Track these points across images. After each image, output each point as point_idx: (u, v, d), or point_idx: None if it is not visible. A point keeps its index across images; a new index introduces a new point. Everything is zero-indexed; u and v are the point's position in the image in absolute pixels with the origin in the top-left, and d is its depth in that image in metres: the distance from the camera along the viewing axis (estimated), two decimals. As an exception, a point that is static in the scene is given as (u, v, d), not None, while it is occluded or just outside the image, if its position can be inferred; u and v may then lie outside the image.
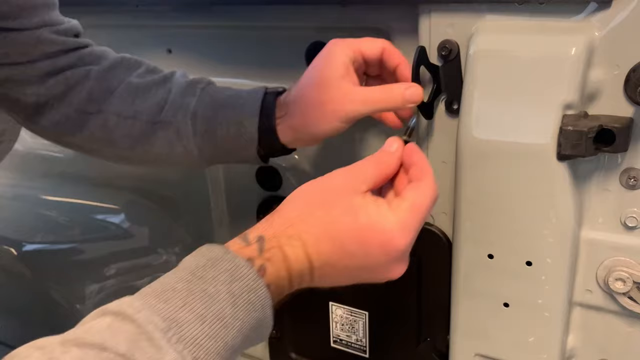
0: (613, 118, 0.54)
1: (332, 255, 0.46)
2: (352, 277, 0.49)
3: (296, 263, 0.45)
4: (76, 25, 0.70)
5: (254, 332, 0.42)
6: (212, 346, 0.38)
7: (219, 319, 0.39)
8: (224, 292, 0.40)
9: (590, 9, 0.53)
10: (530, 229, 0.59)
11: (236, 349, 0.41)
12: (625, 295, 0.59)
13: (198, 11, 0.81)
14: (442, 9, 0.60)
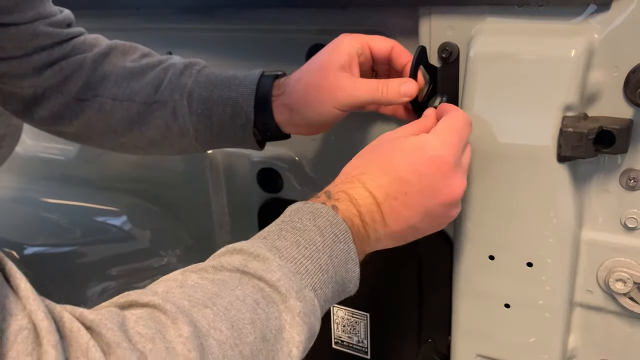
0: (613, 119, 0.55)
1: (390, 186, 0.51)
2: (419, 207, 0.51)
3: (361, 199, 0.50)
4: (69, 15, 0.70)
5: (343, 267, 0.47)
6: (309, 265, 0.45)
7: (311, 243, 0.46)
8: (310, 225, 0.47)
9: (590, 11, 0.54)
10: (530, 230, 0.59)
11: (329, 279, 0.46)
12: (626, 296, 0.59)
13: (199, 14, 0.82)
14: (442, 12, 0.60)
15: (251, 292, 0.41)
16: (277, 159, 0.81)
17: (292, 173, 0.81)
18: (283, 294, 0.42)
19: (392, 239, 0.53)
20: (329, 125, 0.63)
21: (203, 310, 0.38)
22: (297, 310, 0.42)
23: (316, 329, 0.45)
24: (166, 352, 0.34)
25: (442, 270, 0.70)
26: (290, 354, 0.41)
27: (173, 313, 0.36)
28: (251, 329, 0.39)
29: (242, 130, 0.65)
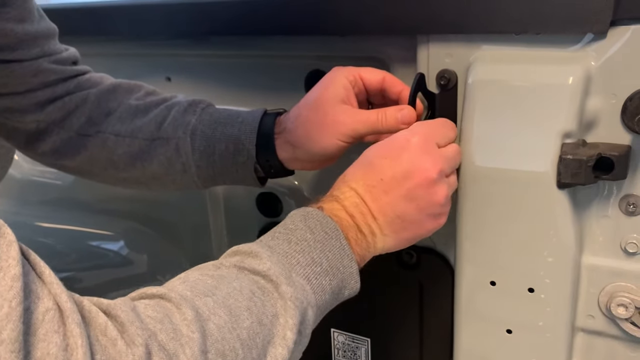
0: (611, 146, 0.55)
1: (366, 176, 0.54)
2: (397, 190, 0.53)
3: (343, 195, 0.53)
4: (74, 53, 0.71)
5: (339, 262, 0.50)
6: (300, 258, 0.48)
7: (302, 240, 0.49)
8: (301, 225, 0.50)
9: (587, 39, 0.54)
10: (531, 255, 0.59)
11: (324, 272, 0.49)
12: (628, 321, 0.59)
13: (198, 40, 0.82)
14: (440, 39, 0.61)
15: (247, 284, 0.45)
16: (277, 184, 0.81)
17: (292, 197, 0.81)
18: (274, 281, 0.45)
19: (390, 235, 0.54)
20: (333, 158, 0.64)
21: (204, 299, 0.42)
22: (289, 295, 0.45)
23: (310, 315, 0.47)
24: (173, 332, 0.38)
25: (443, 295, 0.69)
26: (285, 337, 0.44)
27: (177, 300, 0.40)
28: (248, 315, 0.43)
29: (243, 168, 0.66)
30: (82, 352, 0.32)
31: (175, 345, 0.37)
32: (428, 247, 0.72)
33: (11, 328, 0.29)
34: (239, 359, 0.41)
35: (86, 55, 0.94)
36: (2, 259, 0.31)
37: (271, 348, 0.44)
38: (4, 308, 0.29)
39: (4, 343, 0.29)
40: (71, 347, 0.31)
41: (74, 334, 0.32)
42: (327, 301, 0.50)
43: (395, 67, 0.69)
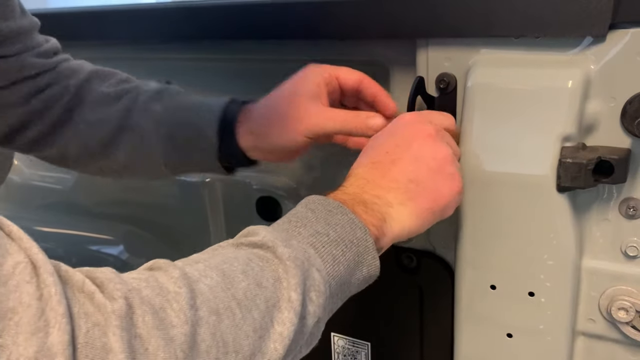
0: (611, 149, 0.55)
1: (370, 156, 0.54)
2: (404, 155, 0.53)
3: (347, 182, 0.53)
4: (55, 44, 0.71)
5: (350, 233, 0.48)
6: (302, 230, 0.47)
7: (303, 218, 0.48)
8: (301, 208, 0.49)
9: (586, 42, 0.54)
10: (531, 259, 0.59)
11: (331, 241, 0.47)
12: (629, 325, 0.59)
13: (197, 44, 0.82)
14: (440, 43, 0.61)
15: (244, 254, 0.44)
16: (276, 187, 0.81)
17: (291, 201, 0.81)
18: (271, 247, 0.44)
19: (407, 204, 0.52)
20: (296, 152, 0.64)
21: (194, 265, 0.41)
22: (286, 256, 0.43)
23: (316, 278, 0.44)
24: (159, 289, 0.36)
25: (444, 299, 0.69)
26: (290, 299, 0.42)
27: (165, 265, 0.40)
28: (243, 277, 0.41)
29: (207, 156, 0.66)
30: (57, 300, 0.31)
31: (161, 300, 0.36)
32: (428, 250, 0.72)
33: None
34: (237, 318, 0.39)
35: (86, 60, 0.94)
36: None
37: (277, 312, 0.42)
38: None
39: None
40: (45, 296, 0.31)
41: (47, 283, 0.31)
42: (342, 274, 0.47)
43: (395, 71, 0.69)
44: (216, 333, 0.38)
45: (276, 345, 0.41)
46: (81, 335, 0.32)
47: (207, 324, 0.37)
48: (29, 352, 0.29)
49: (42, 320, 0.30)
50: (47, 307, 0.31)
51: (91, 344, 0.32)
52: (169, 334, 0.35)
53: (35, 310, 0.30)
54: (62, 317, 0.31)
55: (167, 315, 0.36)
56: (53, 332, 0.30)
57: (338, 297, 0.48)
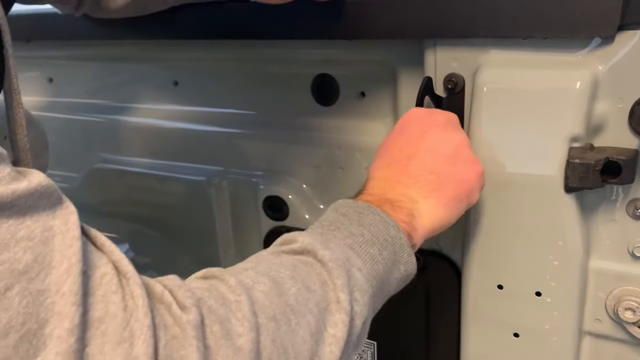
0: (619, 150, 0.55)
1: (385, 157, 0.55)
2: (419, 147, 0.53)
3: (366, 188, 0.53)
4: None
5: (384, 231, 0.48)
6: (337, 233, 0.47)
7: (336, 221, 0.48)
8: (331, 214, 0.50)
9: (594, 43, 0.55)
10: (539, 259, 0.59)
11: (366, 241, 0.47)
12: (635, 325, 0.59)
13: (204, 44, 0.82)
14: (447, 44, 0.61)
15: (287, 260, 0.44)
16: (284, 187, 0.81)
17: (298, 201, 0.81)
18: (311, 251, 0.44)
19: (432, 196, 0.51)
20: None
21: (245, 272, 0.41)
22: (327, 258, 0.43)
23: (359, 278, 0.44)
24: (222, 299, 0.37)
25: (450, 299, 0.69)
26: (339, 300, 0.42)
27: (219, 274, 0.40)
28: (292, 283, 0.41)
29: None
30: (144, 312, 0.31)
31: (225, 310, 0.36)
32: (435, 250, 0.72)
33: (71, 282, 0.29)
34: (293, 324, 0.39)
35: (97, 59, 0.95)
36: (63, 223, 0.31)
37: (329, 315, 0.42)
38: (63, 264, 0.30)
39: (65, 296, 0.29)
40: (130, 307, 0.31)
41: (135, 295, 0.32)
42: (382, 273, 0.47)
43: (402, 71, 0.69)
44: (276, 340, 0.38)
45: (332, 348, 0.41)
46: (161, 347, 0.32)
47: (267, 331, 0.38)
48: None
49: (127, 331, 0.31)
50: (132, 318, 0.31)
51: (170, 355, 0.32)
52: (236, 343, 0.35)
53: (121, 320, 0.31)
54: (147, 329, 0.31)
55: (232, 326, 0.36)
56: (138, 344, 0.31)
57: (379, 297, 0.48)
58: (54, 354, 0.28)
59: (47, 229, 0.30)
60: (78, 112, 0.99)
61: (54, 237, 0.30)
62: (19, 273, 0.28)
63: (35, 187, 0.30)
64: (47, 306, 0.28)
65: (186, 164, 0.90)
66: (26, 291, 0.28)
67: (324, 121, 0.78)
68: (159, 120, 0.92)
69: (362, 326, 0.45)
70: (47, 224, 0.30)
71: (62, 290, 0.29)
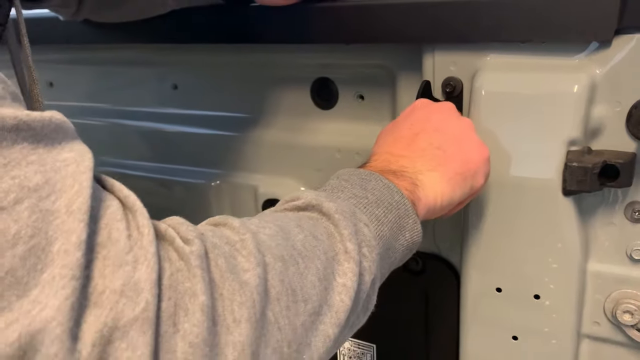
0: (616, 153, 0.55)
1: (390, 135, 0.55)
2: (431, 126, 0.54)
3: (370, 159, 0.53)
4: None
5: (388, 196, 0.47)
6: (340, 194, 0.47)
7: (338, 186, 0.48)
8: (334, 180, 0.49)
9: (592, 47, 0.55)
10: (537, 262, 0.60)
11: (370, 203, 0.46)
12: (634, 328, 0.59)
13: (204, 48, 0.83)
14: (446, 48, 0.62)
15: (293, 214, 0.44)
16: (283, 190, 0.82)
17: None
18: (315, 205, 0.44)
19: (437, 170, 0.51)
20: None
21: (250, 220, 0.41)
22: (334, 209, 0.43)
23: (366, 233, 0.43)
24: (226, 238, 0.37)
25: (449, 302, 0.70)
26: (347, 250, 0.41)
27: (223, 220, 0.40)
28: (299, 230, 0.41)
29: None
30: (149, 240, 0.31)
31: (230, 248, 0.36)
32: (434, 253, 0.72)
33: (81, 201, 0.30)
34: (301, 267, 0.38)
35: (95, 63, 0.95)
36: (79, 155, 0.32)
37: (337, 265, 0.41)
38: (75, 187, 0.30)
39: (73, 214, 0.29)
40: (135, 237, 0.31)
41: (140, 225, 0.32)
42: (387, 236, 0.46)
43: (401, 75, 0.69)
44: (284, 280, 0.37)
45: (342, 297, 0.40)
46: (165, 277, 0.32)
47: (275, 270, 0.37)
48: (115, 285, 0.29)
49: (131, 256, 0.31)
50: (137, 246, 0.31)
51: (174, 287, 0.32)
52: (242, 277, 0.35)
53: (124, 246, 0.31)
54: (152, 255, 0.31)
55: (238, 262, 0.35)
56: (141, 269, 0.31)
57: (385, 262, 0.47)
58: (60, 266, 0.28)
59: (61, 160, 0.31)
60: (78, 115, 0.99)
61: (67, 166, 0.31)
62: (30, 190, 0.28)
63: (49, 117, 0.31)
64: (56, 225, 0.29)
65: (186, 167, 0.90)
66: (36, 207, 0.28)
67: (323, 124, 0.78)
68: (159, 123, 0.92)
69: (372, 284, 0.43)
70: (61, 155, 0.31)
71: (71, 209, 0.29)
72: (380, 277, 0.46)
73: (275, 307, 0.36)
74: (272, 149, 0.82)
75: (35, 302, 0.27)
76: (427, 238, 0.72)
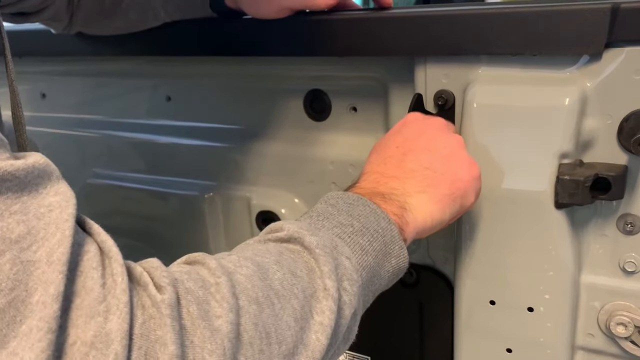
0: (608, 166, 0.56)
1: (381, 154, 0.55)
2: (421, 146, 0.54)
3: (359, 181, 0.53)
4: None
5: (374, 223, 0.47)
6: (325, 222, 0.47)
7: (324, 212, 0.48)
8: (321, 205, 0.50)
9: (582, 61, 0.55)
10: (530, 275, 0.60)
11: (356, 231, 0.46)
12: (627, 340, 0.59)
13: (197, 60, 0.83)
14: (438, 60, 0.62)
15: (274, 247, 0.44)
16: (276, 202, 0.81)
17: (291, 216, 0.81)
18: (297, 238, 0.43)
19: (426, 192, 0.51)
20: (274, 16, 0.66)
21: (228, 257, 0.40)
22: (314, 244, 0.43)
23: (347, 266, 0.43)
24: (201, 282, 0.37)
25: (443, 314, 0.69)
26: (326, 287, 0.41)
27: (201, 258, 0.40)
28: (277, 268, 0.41)
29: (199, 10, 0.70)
30: (122, 289, 0.32)
31: (204, 292, 0.36)
32: (428, 265, 0.72)
33: (61, 252, 0.30)
34: (277, 308, 0.38)
35: (88, 74, 0.95)
36: (64, 200, 0.32)
37: (315, 302, 0.41)
38: (57, 235, 0.30)
39: (53, 264, 0.30)
40: (109, 284, 0.32)
41: (115, 272, 0.32)
42: (372, 264, 0.46)
43: (393, 88, 0.69)
44: (258, 323, 0.37)
45: (318, 336, 0.40)
46: (137, 325, 0.32)
47: (248, 314, 0.37)
48: (87, 336, 0.30)
49: (103, 305, 0.31)
50: (110, 295, 0.31)
51: (146, 335, 0.32)
52: (213, 324, 0.35)
53: (97, 294, 0.31)
54: (124, 305, 0.31)
55: (211, 307, 0.35)
56: (113, 319, 0.31)
57: (370, 290, 0.47)
58: (37, 319, 0.28)
59: (46, 205, 0.31)
60: (71, 127, 0.99)
61: (51, 211, 0.31)
62: (11, 242, 0.29)
63: (32, 164, 0.31)
64: (37, 276, 0.29)
65: (179, 178, 0.90)
66: (17, 259, 0.29)
67: (317, 136, 0.78)
68: (152, 135, 0.92)
69: (352, 317, 0.43)
70: (45, 200, 0.31)
71: (51, 259, 0.30)
72: (363, 306, 0.46)
73: (248, 351, 0.36)
74: (265, 160, 0.82)
75: (13, 354, 0.28)
76: (421, 250, 0.72)
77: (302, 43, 0.68)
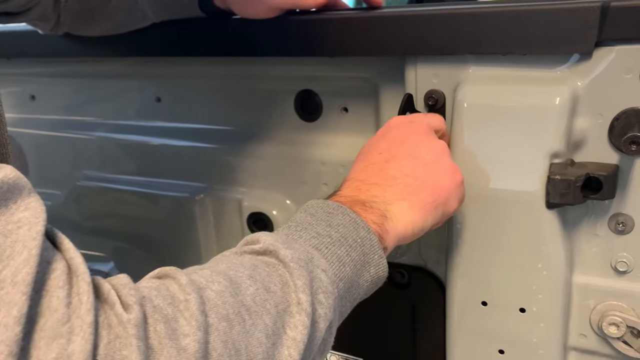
0: (599, 165, 0.55)
1: (364, 160, 0.55)
2: (404, 153, 0.53)
3: (341, 188, 0.53)
4: None
5: (353, 232, 0.47)
6: (302, 233, 0.46)
7: (303, 222, 0.48)
8: (301, 214, 0.49)
9: (573, 60, 0.55)
10: (522, 275, 0.59)
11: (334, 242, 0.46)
12: (620, 340, 0.59)
13: (187, 61, 0.82)
14: (428, 60, 0.61)
15: (249, 260, 0.43)
16: (268, 203, 0.81)
17: (283, 217, 0.81)
18: (272, 251, 0.43)
19: (408, 199, 0.51)
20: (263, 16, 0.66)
21: (200, 272, 0.40)
22: (289, 258, 0.42)
23: (323, 279, 0.43)
24: (170, 298, 0.36)
25: (435, 315, 0.69)
26: (299, 302, 0.41)
27: (172, 272, 0.39)
28: (251, 283, 0.40)
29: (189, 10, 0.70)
30: (86, 309, 0.31)
31: (172, 310, 0.35)
32: (419, 266, 0.71)
33: (26, 272, 0.29)
34: (248, 325, 0.38)
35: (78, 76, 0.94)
36: (33, 216, 0.31)
37: (288, 317, 0.41)
38: (23, 254, 0.30)
39: (17, 285, 0.29)
40: (74, 304, 0.31)
41: (81, 291, 0.31)
42: (349, 275, 0.46)
43: (384, 87, 0.69)
44: (227, 341, 0.37)
45: (291, 351, 0.40)
46: (102, 346, 0.31)
47: (218, 331, 0.36)
48: (48, 358, 0.29)
49: (67, 327, 0.30)
50: (74, 315, 0.31)
51: (111, 356, 0.31)
52: (180, 343, 0.34)
53: (62, 315, 0.30)
54: (88, 326, 0.31)
55: (179, 325, 0.35)
56: (76, 340, 0.30)
57: (347, 300, 0.47)
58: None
59: (15, 221, 0.30)
60: (60, 129, 0.98)
61: (19, 228, 0.30)
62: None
63: (1, 179, 0.30)
64: (0, 297, 0.28)
65: (170, 180, 0.89)
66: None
67: (308, 137, 0.77)
68: (142, 136, 0.91)
69: (327, 330, 0.43)
70: (15, 216, 0.31)
71: (16, 279, 0.29)
72: (340, 317, 0.46)
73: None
74: (256, 161, 0.81)
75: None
76: (412, 251, 0.72)
77: (292, 43, 0.68)
